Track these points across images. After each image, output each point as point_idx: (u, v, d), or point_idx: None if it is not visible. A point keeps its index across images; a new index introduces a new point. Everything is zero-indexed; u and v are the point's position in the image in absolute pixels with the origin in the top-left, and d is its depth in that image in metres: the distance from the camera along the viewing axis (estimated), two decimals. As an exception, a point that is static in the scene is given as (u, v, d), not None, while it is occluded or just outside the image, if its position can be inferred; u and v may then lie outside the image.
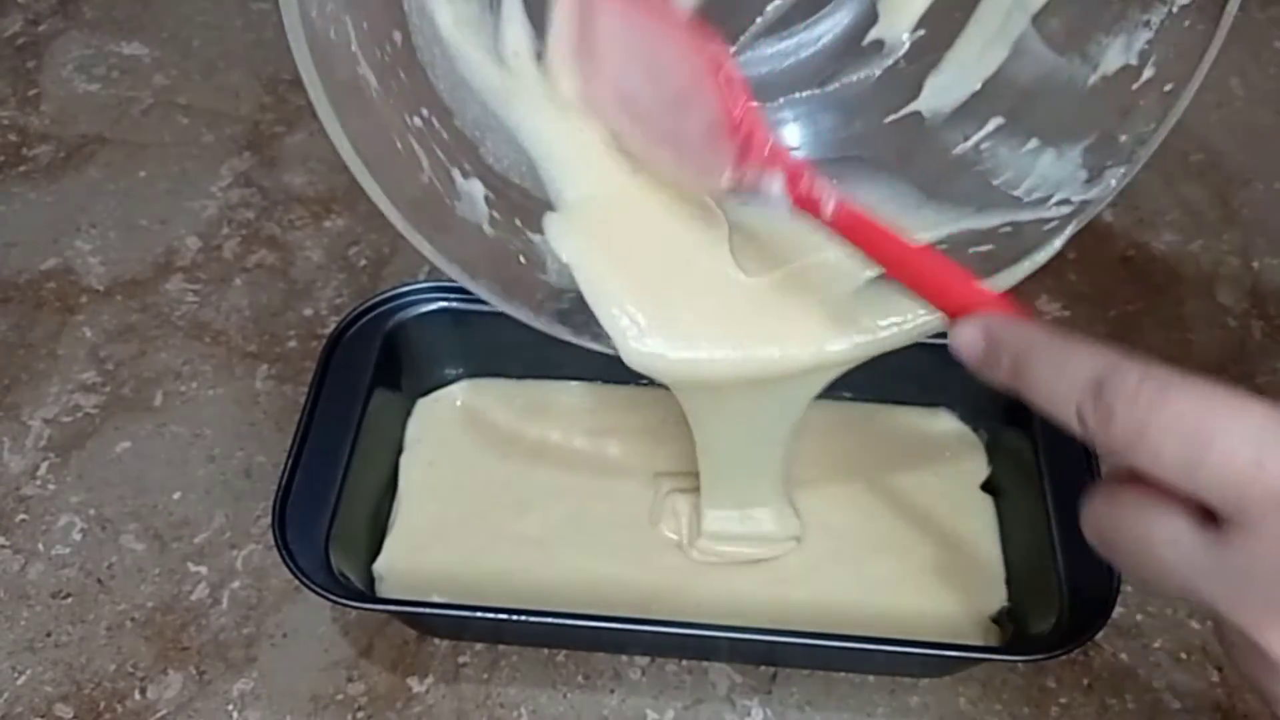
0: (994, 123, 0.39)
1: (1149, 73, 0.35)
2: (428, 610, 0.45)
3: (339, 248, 0.61)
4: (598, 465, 0.51)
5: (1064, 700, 0.46)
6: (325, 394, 0.47)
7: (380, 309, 0.50)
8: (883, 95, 0.42)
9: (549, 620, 0.42)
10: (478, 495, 0.50)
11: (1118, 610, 0.44)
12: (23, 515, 0.51)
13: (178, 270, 0.60)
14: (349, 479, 0.45)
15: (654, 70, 0.36)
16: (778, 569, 0.48)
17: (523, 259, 0.39)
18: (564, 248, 0.38)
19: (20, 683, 0.46)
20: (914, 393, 0.52)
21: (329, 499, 0.44)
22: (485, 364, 0.53)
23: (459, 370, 0.53)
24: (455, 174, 0.37)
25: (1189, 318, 0.59)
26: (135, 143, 0.66)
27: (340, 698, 0.45)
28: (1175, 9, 0.34)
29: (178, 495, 0.51)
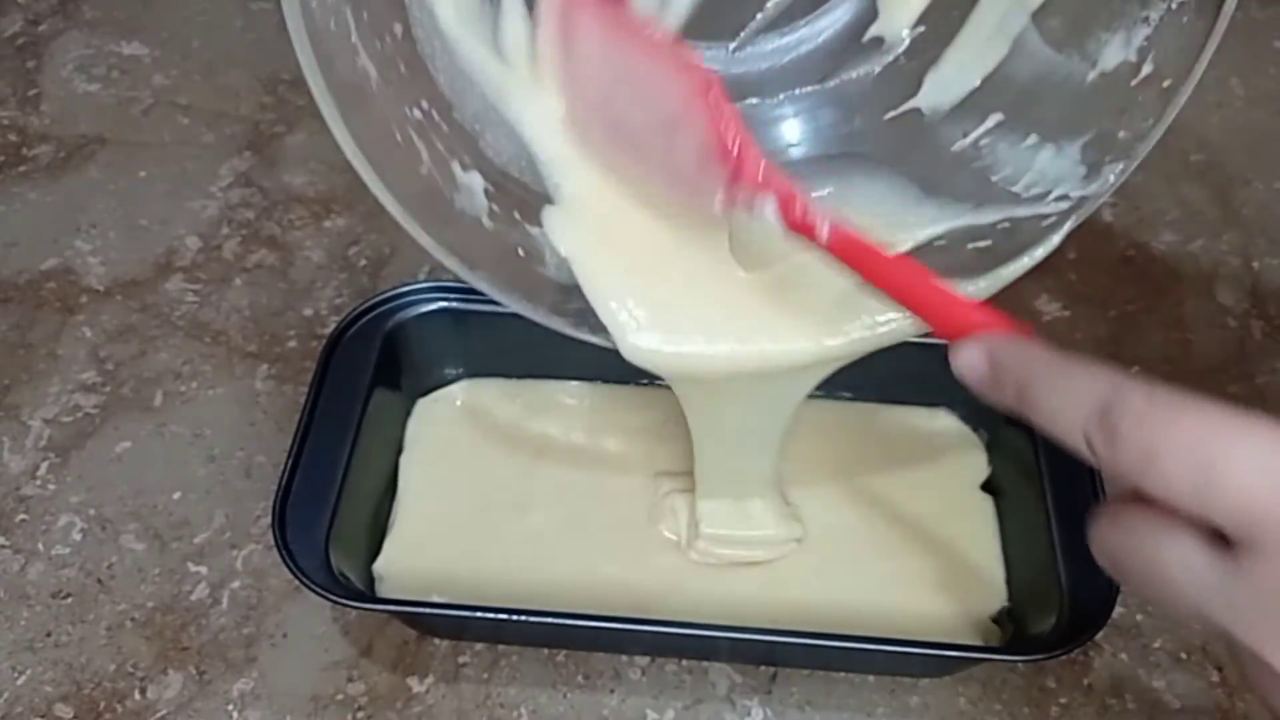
0: (993, 119, 0.39)
1: (1148, 69, 0.35)
2: (428, 610, 0.45)
3: (339, 248, 0.61)
4: (597, 465, 0.51)
5: (1064, 700, 0.46)
6: (325, 394, 0.47)
7: (380, 309, 0.50)
8: (883, 91, 0.42)
9: (549, 620, 0.42)
10: (478, 495, 0.50)
11: (1118, 610, 0.44)
12: (23, 515, 0.51)
13: (178, 270, 0.60)
14: (349, 479, 0.45)
15: (640, 94, 0.36)
16: (778, 569, 0.48)
17: (521, 252, 0.39)
18: (563, 241, 0.38)
19: (20, 683, 0.46)
20: (914, 393, 0.52)
21: (329, 499, 0.44)
22: (485, 364, 0.53)
23: (459, 370, 0.53)
24: (455, 166, 0.37)
25: (1189, 318, 0.59)
26: (135, 143, 0.66)
27: (340, 698, 0.45)
28: (1174, 5, 0.34)
29: (178, 495, 0.51)
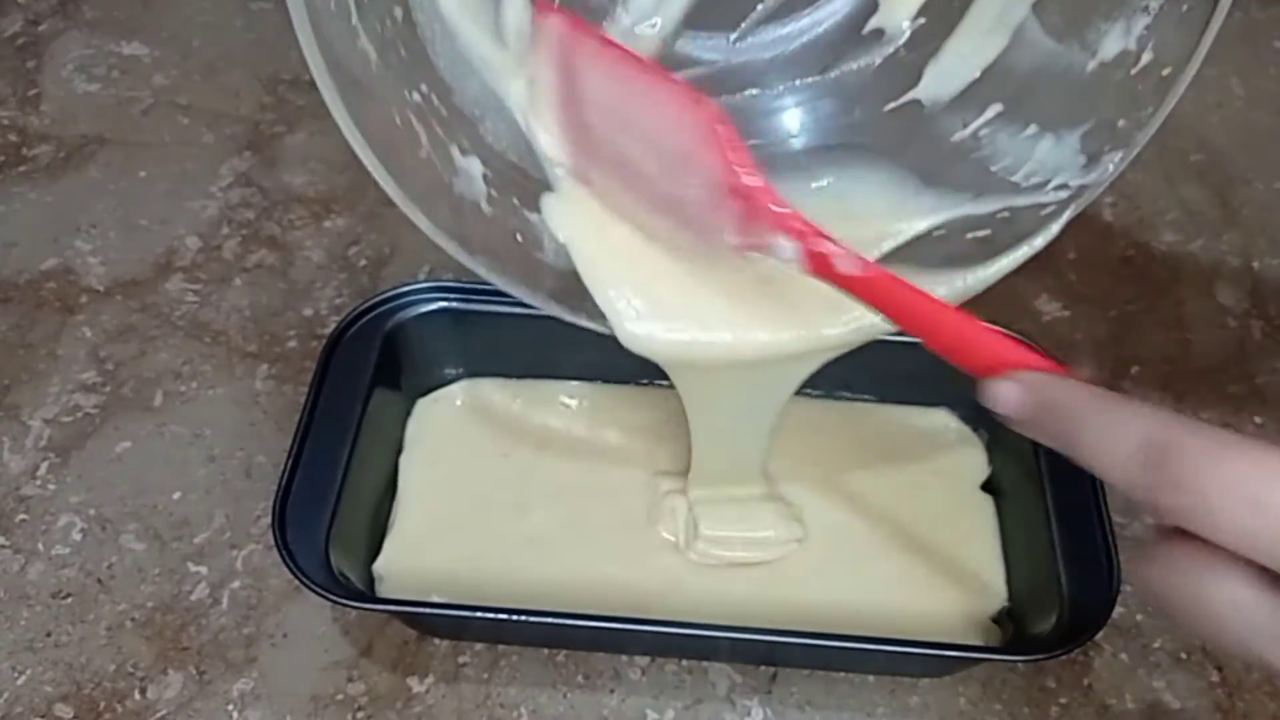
0: (993, 110, 0.39)
1: (1147, 57, 0.35)
2: (428, 610, 0.45)
3: (339, 248, 0.61)
4: (597, 465, 0.51)
5: (1064, 700, 0.46)
6: (325, 394, 0.47)
7: (380, 309, 0.50)
8: (883, 83, 0.42)
9: (549, 620, 0.42)
10: (478, 495, 0.50)
11: (1118, 610, 0.44)
12: (23, 515, 0.51)
13: (178, 270, 0.60)
14: (349, 479, 0.45)
15: (647, 132, 0.35)
16: (777, 569, 0.48)
17: (520, 238, 0.39)
18: (561, 228, 0.38)
19: (20, 683, 0.46)
20: (914, 392, 0.52)
21: (329, 499, 0.44)
22: (485, 364, 0.53)
23: (459, 370, 0.53)
24: (454, 151, 0.37)
25: (1189, 318, 0.59)
26: (135, 143, 0.66)
27: (340, 698, 0.45)
28: None
29: (178, 495, 0.51)
